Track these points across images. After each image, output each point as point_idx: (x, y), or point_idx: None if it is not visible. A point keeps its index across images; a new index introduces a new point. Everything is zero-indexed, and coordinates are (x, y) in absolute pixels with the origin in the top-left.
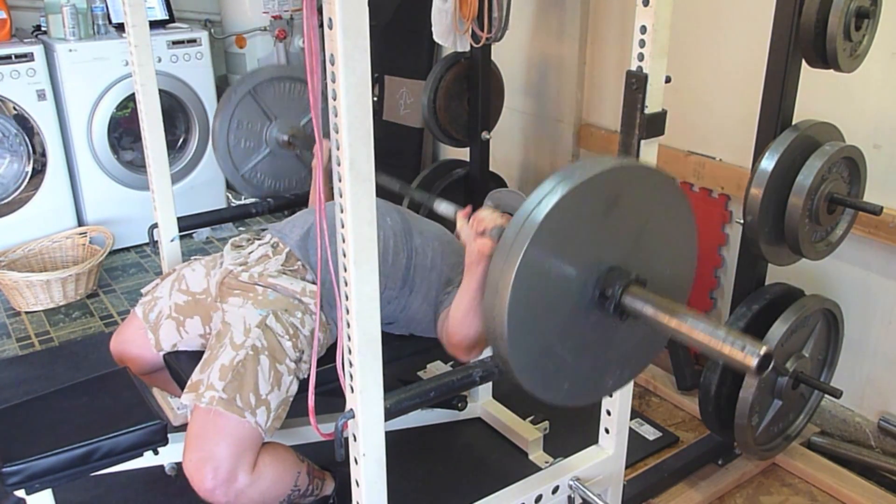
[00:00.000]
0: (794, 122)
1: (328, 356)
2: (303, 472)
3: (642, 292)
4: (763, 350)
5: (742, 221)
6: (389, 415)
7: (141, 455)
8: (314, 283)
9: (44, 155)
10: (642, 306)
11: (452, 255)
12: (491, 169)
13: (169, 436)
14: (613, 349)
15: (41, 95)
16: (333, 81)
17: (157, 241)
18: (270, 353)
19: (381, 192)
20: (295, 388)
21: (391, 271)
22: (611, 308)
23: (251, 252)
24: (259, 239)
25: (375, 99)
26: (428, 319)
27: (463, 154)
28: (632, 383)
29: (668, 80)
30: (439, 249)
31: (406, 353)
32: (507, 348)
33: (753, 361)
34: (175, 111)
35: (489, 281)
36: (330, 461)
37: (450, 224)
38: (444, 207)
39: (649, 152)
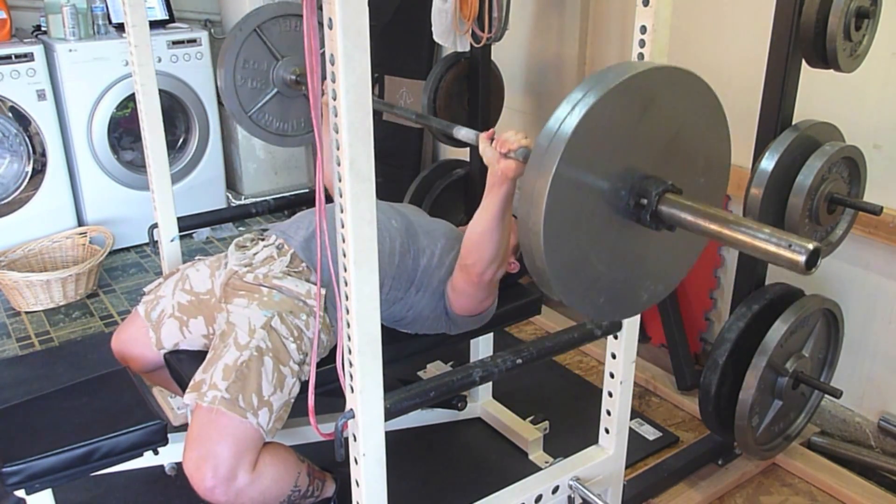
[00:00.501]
0: (794, 122)
1: (329, 356)
2: (303, 472)
3: (679, 199)
4: (812, 245)
5: None
6: (389, 415)
7: (141, 455)
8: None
9: (44, 155)
10: (679, 213)
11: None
12: None
13: (169, 436)
14: (648, 262)
15: (41, 95)
16: (333, 81)
17: (157, 241)
18: (275, 355)
19: (383, 192)
20: (297, 389)
21: (398, 272)
22: (647, 217)
23: (256, 253)
24: (263, 239)
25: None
26: (436, 313)
27: (463, 154)
28: (632, 383)
29: None
30: (447, 247)
31: (406, 353)
32: (543, 259)
33: (801, 258)
34: (175, 111)
35: (522, 194)
36: (330, 462)
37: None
38: (464, 133)
39: None
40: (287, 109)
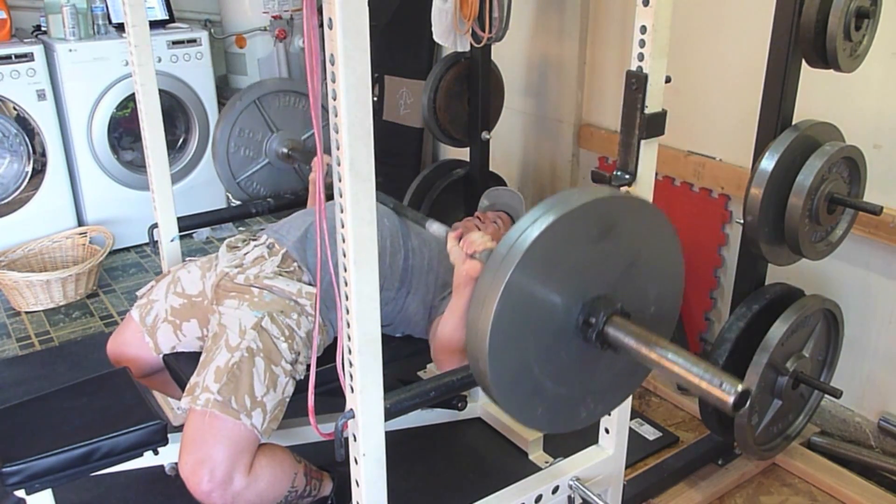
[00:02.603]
0: (794, 122)
1: (327, 356)
2: (300, 472)
3: (625, 323)
4: (740, 387)
5: (742, 221)
6: (389, 415)
7: (141, 455)
8: (310, 284)
9: (44, 155)
10: (624, 337)
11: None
12: (491, 169)
13: (169, 436)
14: (592, 380)
15: (41, 95)
16: (333, 81)
17: (157, 241)
18: (266, 355)
19: (383, 192)
20: (291, 389)
21: (389, 272)
22: (593, 336)
23: (246, 253)
24: (255, 240)
25: (375, 99)
26: (424, 321)
27: (463, 154)
28: None
29: (668, 80)
30: (436, 250)
31: (406, 353)
32: (486, 364)
33: (730, 399)
34: (175, 111)
35: (475, 296)
36: (328, 461)
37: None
38: (435, 228)
39: (649, 152)
40: (276, 180)
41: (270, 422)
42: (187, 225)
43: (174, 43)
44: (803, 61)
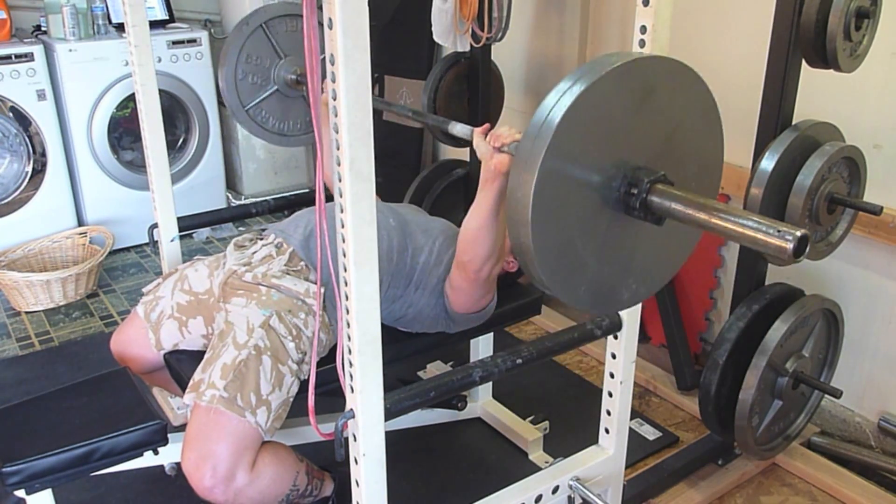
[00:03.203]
0: (794, 122)
1: (328, 356)
2: (302, 471)
3: (670, 189)
4: (799, 232)
5: None
6: (389, 415)
7: (141, 455)
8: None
9: (44, 155)
10: (670, 203)
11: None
12: None
13: (169, 436)
14: (635, 258)
15: (41, 95)
16: (333, 81)
17: (157, 241)
18: (273, 354)
19: (383, 192)
20: (296, 388)
21: (396, 270)
22: (636, 206)
23: (255, 252)
24: (262, 239)
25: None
26: (435, 311)
27: (463, 154)
28: (632, 383)
29: None
30: (445, 244)
31: (406, 353)
32: (529, 238)
33: (790, 245)
34: (175, 111)
35: (513, 173)
36: (329, 461)
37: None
38: (459, 129)
39: None
40: (286, 109)
41: (274, 420)
42: (187, 225)
43: (174, 43)
44: (803, 61)
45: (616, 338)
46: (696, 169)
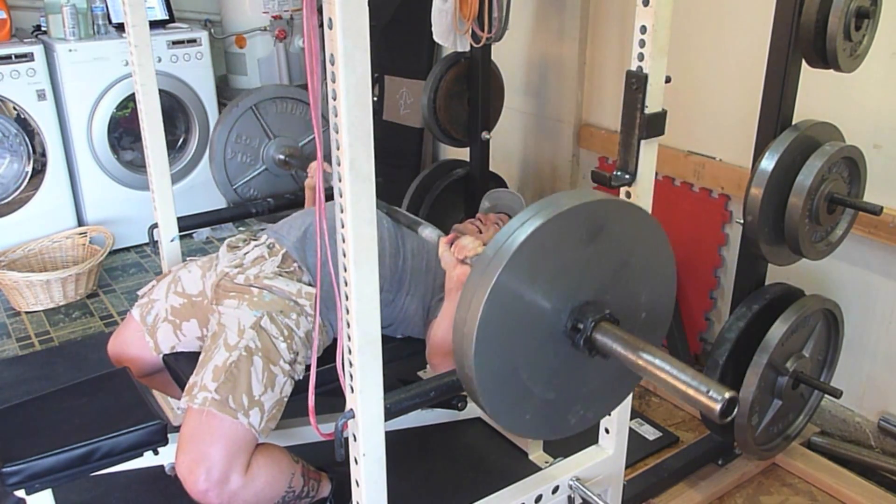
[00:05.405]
0: (794, 122)
1: (327, 356)
2: (297, 473)
3: (613, 329)
4: (727, 395)
5: (742, 221)
6: (389, 415)
7: (141, 455)
8: (310, 284)
9: (44, 155)
10: (612, 343)
11: None
12: (491, 169)
13: (169, 436)
14: (581, 387)
15: (41, 95)
16: (333, 81)
17: (157, 241)
18: (264, 354)
19: (383, 192)
20: (289, 389)
21: (388, 274)
22: (581, 342)
23: (247, 253)
24: (255, 240)
25: (375, 99)
26: (424, 321)
27: (463, 154)
28: None
29: (668, 80)
30: (434, 251)
31: (406, 353)
32: (472, 366)
33: (717, 406)
34: (175, 111)
35: (461, 299)
36: (327, 462)
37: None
38: (427, 233)
39: (649, 152)
40: (273, 186)
41: (268, 421)
42: (187, 225)
43: (174, 43)
44: (803, 61)
45: None
46: (647, 303)
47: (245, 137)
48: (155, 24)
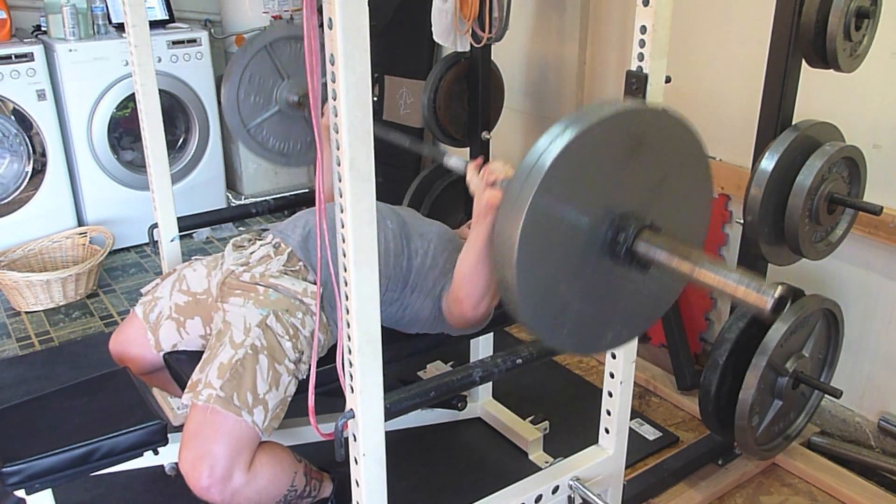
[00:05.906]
0: (794, 122)
1: (328, 356)
2: (300, 472)
3: (656, 237)
4: (778, 291)
5: (742, 221)
6: (389, 415)
7: (141, 455)
8: (316, 283)
9: (44, 155)
10: (655, 251)
11: (454, 252)
12: None
13: (169, 436)
14: (619, 302)
15: (41, 95)
16: (333, 81)
17: (157, 241)
18: (270, 353)
19: (383, 192)
20: (293, 388)
21: (392, 273)
22: (622, 252)
23: (253, 252)
24: (260, 239)
25: (375, 99)
26: (433, 314)
27: (463, 154)
28: (632, 383)
29: (668, 80)
30: (440, 247)
31: (406, 353)
32: (514, 281)
33: (768, 302)
34: (175, 111)
35: (500, 215)
36: (328, 461)
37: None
38: (454, 161)
39: None
40: (287, 129)
41: (272, 420)
42: (187, 225)
43: (174, 43)
44: (803, 61)
45: None
46: (685, 217)
47: (258, 78)
48: (155, 24)
